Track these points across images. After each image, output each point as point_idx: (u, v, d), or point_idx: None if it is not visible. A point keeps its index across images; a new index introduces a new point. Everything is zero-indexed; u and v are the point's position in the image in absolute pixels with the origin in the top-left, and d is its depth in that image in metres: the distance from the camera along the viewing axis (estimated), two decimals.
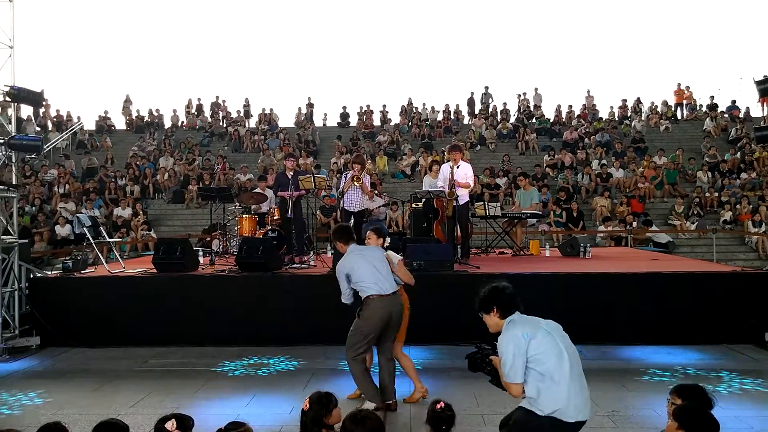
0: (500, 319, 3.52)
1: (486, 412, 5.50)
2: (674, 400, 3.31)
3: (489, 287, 3.62)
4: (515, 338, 3.38)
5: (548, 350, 3.36)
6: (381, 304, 5.46)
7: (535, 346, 3.35)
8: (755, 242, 15.39)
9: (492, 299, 3.55)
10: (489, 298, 3.56)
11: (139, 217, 16.88)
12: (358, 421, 3.08)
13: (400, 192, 17.90)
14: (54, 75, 42.60)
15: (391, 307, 5.49)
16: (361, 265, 5.54)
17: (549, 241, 14.53)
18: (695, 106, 25.38)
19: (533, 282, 8.30)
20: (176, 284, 8.58)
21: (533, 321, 3.53)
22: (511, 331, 3.43)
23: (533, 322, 3.50)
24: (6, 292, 8.23)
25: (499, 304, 3.52)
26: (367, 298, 5.49)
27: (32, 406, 5.96)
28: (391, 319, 5.51)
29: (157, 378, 6.87)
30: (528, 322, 3.50)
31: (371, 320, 5.46)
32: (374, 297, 5.46)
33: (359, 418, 3.11)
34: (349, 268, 5.55)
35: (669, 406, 3.32)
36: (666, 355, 7.44)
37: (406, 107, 26.14)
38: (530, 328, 3.42)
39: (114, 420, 3.20)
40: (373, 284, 5.47)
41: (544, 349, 3.36)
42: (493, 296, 3.55)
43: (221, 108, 26.44)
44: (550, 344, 3.39)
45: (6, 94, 8.46)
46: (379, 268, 5.55)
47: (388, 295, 5.48)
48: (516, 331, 3.41)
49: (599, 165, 19.27)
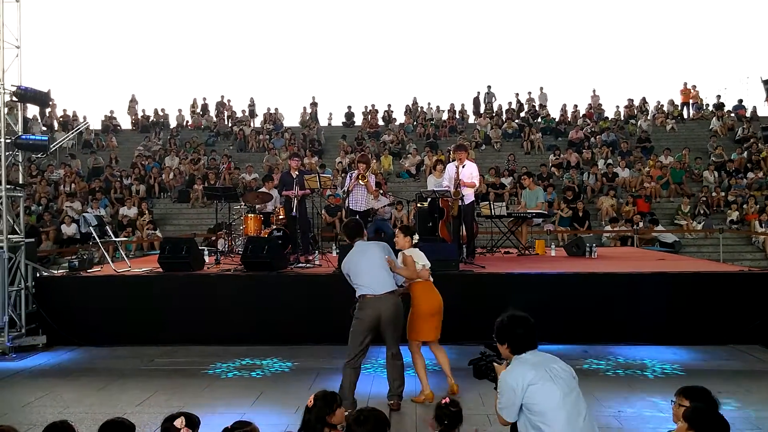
0: (510, 354, 3.40)
1: (492, 413, 5.46)
2: (681, 401, 3.29)
3: (507, 317, 3.46)
4: (515, 380, 3.24)
5: (545, 401, 3.18)
6: (370, 304, 5.47)
7: (532, 393, 3.19)
8: (762, 242, 15.31)
9: (505, 334, 3.41)
10: (503, 330, 3.42)
11: (144, 216, 16.92)
12: (361, 422, 3.09)
13: (405, 191, 17.89)
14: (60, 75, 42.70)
15: (379, 307, 5.46)
16: (360, 263, 5.57)
17: (554, 240, 14.50)
18: (702, 106, 25.28)
19: (539, 282, 8.29)
20: (182, 283, 8.59)
21: (542, 364, 3.31)
22: (514, 371, 3.29)
23: (541, 366, 3.29)
24: (12, 291, 8.26)
25: (510, 341, 3.39)
26: (361, 298, 5.53)
27: (39, 405, 5.98)
28: (381, 319, 5.48)
29: (163, 377, 6.88)
30: (535, 366, 3.29)
31: (362, 321, 5.50)
32: (366, 297, 5.49)
33: (362, 418, 3.11)
34: (348, 267, 5.63)
35: (675, 408, 3.30)
36: (672, 356, 7.41)
37: (411, 107, 26.14)
38: (534, 374, 3.23)
39: (120, 419, 3.20)
40: (367, 284, 5.50)
41: (540, 399, 3.18)
42: (507, 331, 3.41)
43: (226, 108, 26.48)
44: (549, 394, 3.19)
45: (13, 94, 8.49)
46: (376, 267, 5.55)
47: (379, 295, 5.46)
48: (518, 372, 3.27)
49: (605, 164, 19.22)
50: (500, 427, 5.10)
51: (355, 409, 3.28)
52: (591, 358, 7.33)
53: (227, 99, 26.69)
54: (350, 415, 3.19)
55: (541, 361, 3.33)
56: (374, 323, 5.48)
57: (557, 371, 3.28)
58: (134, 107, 26.57)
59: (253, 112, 26.40)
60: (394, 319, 5.58)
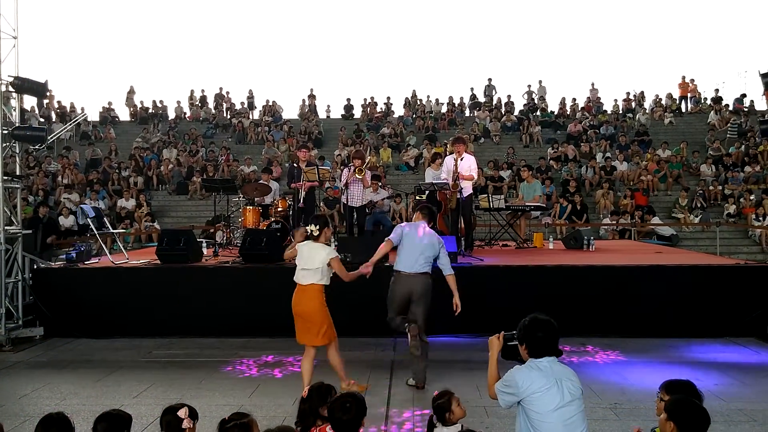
0: (528, 355, 3.32)
1: (489, 404, 5.49)
2: (662, 395, 3.29)
3: (530, 318, 3.35)
4: (522, 380, 3.19)
5: (545, 411, 3.13)
6: (398, 280, 6.09)
7: (535, 398, 3.15)
8: (759, 235, 15.35)
9: (525, 335, 3.32)
10: (523, 331, 3.33)
11: (142, 208, 16.90)
12: (347, 409, 3.17)
13: (403, 184, 17.88)
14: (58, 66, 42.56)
15: (406, 284, 6.02)
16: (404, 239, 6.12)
17: (552, 233, 14.51)
18: (700, 99, 25.28)
19: (537, 274, 8.30)
20: (180, 275, 8.59)
21: (554, 376, 3.20)
22: (525, 374, 3.23)
23: (552, 377, 3.19)
24: (10, 283, 8.26)
25: (529, 343, 3.31)
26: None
27: (35, 397, 5.98)
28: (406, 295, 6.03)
29: (161, 369, 6.89)
30: (547, 376, 3.19)
31: (392, 292, 6.14)
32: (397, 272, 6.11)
33: (347, 405, 3.19)
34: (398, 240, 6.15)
35: (658, 402, 3.30)
36: (668, 348, 7.44)
37: (410, 99, 26.08)
38: (544, 383, 3.16)
39: (117, 410, 3.21)
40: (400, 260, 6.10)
41: (540, 408, 3.14)
42: (527, 332, 3.31)
43: (225, 99, 26.42)
44: (549, 404, 3.14)
45: (10, 85, 8.46)
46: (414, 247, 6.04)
47: (407, 273, 6.02)
48: (528, 377, 3.20)
49: (603, 158, 19.22)
50: (498, 419, 5.15)
51: (338, 395, 3.33)
52: (589, 350, 7.37)
53: (226, 91, 26.66)
54: (334, 405, 3.23)
55: (554, 373, 3.22)
56: (400, 296, 6.04)
57: (568, 387, 3.19)
58: (132, 99, 26.49)
59: (252, 104, 26.35)
60: (418, 299, 6.02)
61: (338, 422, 3.16)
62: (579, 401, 3.21)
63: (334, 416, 3.17)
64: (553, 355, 3.29)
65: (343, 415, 3.15)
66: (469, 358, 7.01)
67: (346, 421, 3.15)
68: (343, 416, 3.14)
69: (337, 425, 3.17)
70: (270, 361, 7.14)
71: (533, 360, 3.27)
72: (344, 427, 3.16)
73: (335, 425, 3.17)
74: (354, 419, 3.15)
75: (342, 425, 3.16)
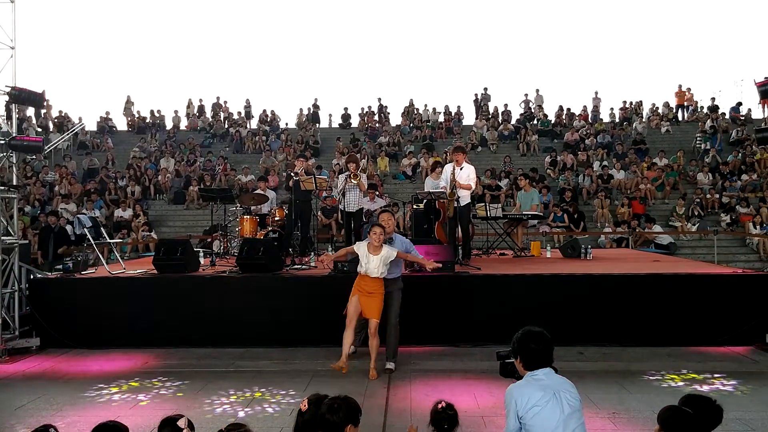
0: (523, 369, 3.31)
1: (486, 414, 5.48)
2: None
3: (522, 331, 3.33)
4: (519, 396, 3.16)
5: (545, 425, 3.10)
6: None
7: (535, 414, 3.11)
8: (756, 244, 15.38)
9: (518, 348, 3.31)
10: (517, 345, 3.32)
11: (140, 218, 16.88)
12: (335, 410, 3.15)
13: (401, 193, 17.89)
14: (55, 76, 42.67)
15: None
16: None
17: (550, 242, 14.52)
18: (696, 108, 25.38)
19: (534, 283, 8.28)
20: (177, 285, 8.56)
21: (552, 388, 3.18)
22: (520, 389, 3.21)
23: (550, 390, 3.17)
24: (6, 293, 8.23)
25: (523, 356, 3.30)
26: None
27: (32, 408, 5.95)
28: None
29: (158, 379, 6.83)
30: (544, 388, 3.17)
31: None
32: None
33: (336, 406, 3.18)
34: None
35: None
36: (666, 357, 7.42)
37: (408, 108, 26.14)
38: (542, 396, 3.13)
39: (113, 422, 3.18)
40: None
41: (539, 423, 3.10)
42: (520, 345, 3.30)
43: (222, 109, 26.46)
44: (551, 424, 3.10)
45: (7, 95, 8.46)
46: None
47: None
48: (525, 392, 3.17)
49: (600, 166, 19.26)
50: (496, 429, 5.13)
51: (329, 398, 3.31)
52: (586, 359, 7.35)
53: (223, 100, 26.73)
54: (324, 405, 3.21)
55: (552, 385, 3.20)
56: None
57: (567, 399, 3.17)
58: (130, 108, 26.53)
59: (249, 113, 26.38)
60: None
61: (325, 423, 3.14)
62: (579, 413, 3.19)
63: (324, 417, 3.16)
64: (549, 367, 3.27)
65: (331, 416, 3.13)
66: (467, 367, 6.99)
67: (331, 423, 3.12)
68: (332, 417, 3.13)
69: (324, 426, 3.15)
70: (267, 372, 7.08)
71: (529, 373, 3.26)
72: (330, 428, 3.13)
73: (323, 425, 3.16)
74: (340, 423, 3.13)
75: (328, 426, 3.13)
